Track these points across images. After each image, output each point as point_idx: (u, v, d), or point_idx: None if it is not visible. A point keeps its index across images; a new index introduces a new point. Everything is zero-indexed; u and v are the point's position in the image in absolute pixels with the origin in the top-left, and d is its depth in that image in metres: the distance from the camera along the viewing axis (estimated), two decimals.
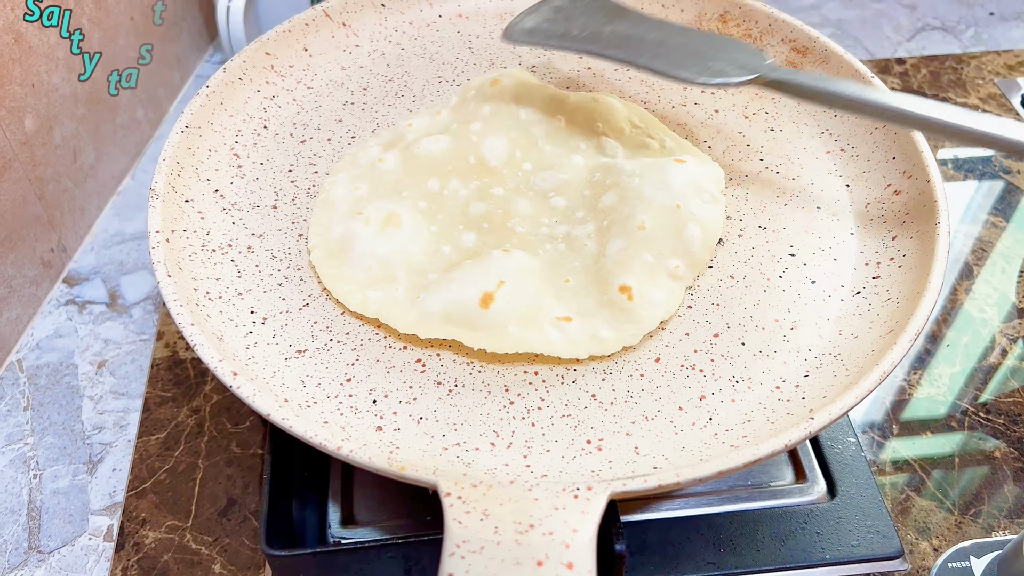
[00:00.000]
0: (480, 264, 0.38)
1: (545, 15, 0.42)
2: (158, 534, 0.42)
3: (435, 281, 0.38)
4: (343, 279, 0.39)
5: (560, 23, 0.41)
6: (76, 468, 0.46)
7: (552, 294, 0.38)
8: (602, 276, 0.38)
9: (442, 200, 0.42)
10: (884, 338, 0.36)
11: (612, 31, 0.41)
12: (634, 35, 0.41)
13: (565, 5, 0.43)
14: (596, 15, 0.43)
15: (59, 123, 0.53)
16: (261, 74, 0.48)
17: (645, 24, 0.43)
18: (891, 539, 0.40)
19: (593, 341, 0.37)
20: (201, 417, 0.47)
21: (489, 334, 0.36)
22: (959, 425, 0.47)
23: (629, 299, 0.37)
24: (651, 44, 0.41)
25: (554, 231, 0.41)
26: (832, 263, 0.40)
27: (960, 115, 0.37)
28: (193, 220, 0.41)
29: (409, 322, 0.37)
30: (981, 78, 0.69)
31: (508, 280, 0.37)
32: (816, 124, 0.47)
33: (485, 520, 0.29)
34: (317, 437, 0.31)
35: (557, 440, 0.34)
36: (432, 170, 0.43)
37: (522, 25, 0.42)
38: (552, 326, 0.37)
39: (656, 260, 0.39)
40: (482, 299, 0.36)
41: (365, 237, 0.40)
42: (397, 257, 0.39)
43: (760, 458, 0.31)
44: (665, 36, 0.41)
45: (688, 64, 0.39)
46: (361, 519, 0.41)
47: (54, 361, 0.51)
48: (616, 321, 0.37)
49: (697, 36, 0.43)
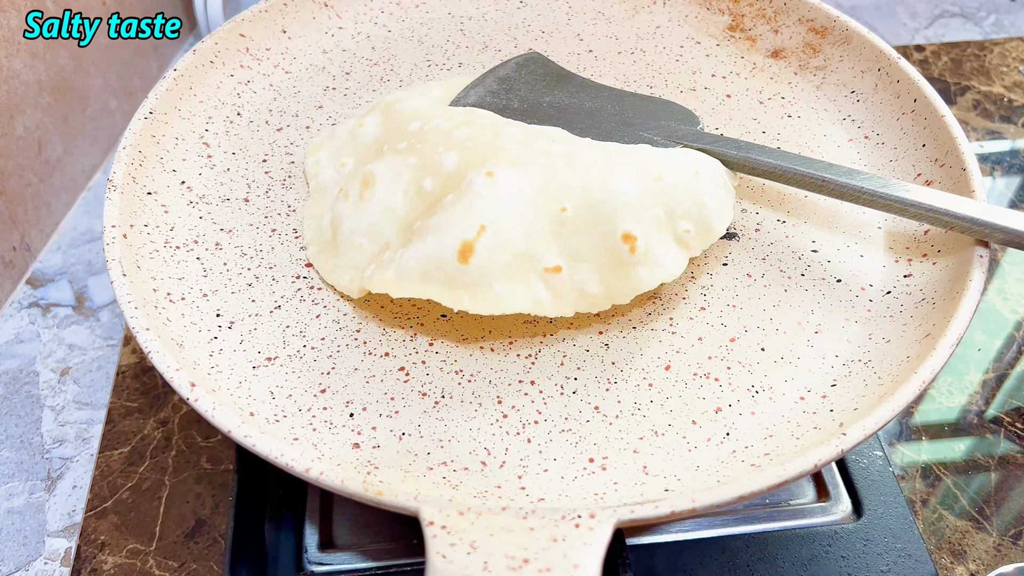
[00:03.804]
0: (459, 204, 0.33)
1: (489, 87, 0.42)
2: (118, 559, 0.39)
3: (416, 230, 0.34)
4: (341, 269, 0.36)
5: (502, 96, 0.41)
6: (33, 485, 0.42)
7: (545, 226, 0.33)
8: (606, 212, 0.34)
9: (423, 134, 0.37)
10: (920, 343, 0.32)
11: (550, 102, 0.41)
12: (570, 105, 0.41)
13: (510, 74, 0.43)
14: (538, 83, 0.43)
15: (21, 112, 0.50)
16: (235, 57, 0.45)
17: (584, 91, 0.43)
18: (924, 563, 0.37)
19: (581, 297, 0.33)
20: (169, 429, 0.43)
21: (470, 293, 0.32)
22: (994, 437, 0.43)
23: (631, 251, 0.33)
24: (585, 115, 0.40)
25: (550, 149, 0.36)
26: (859, 260, 0.37)
27: (918, 193, 0.34)
28: (156, 214, 0.38)
29: (384, 280, 0.33)
30: (1005, 65, 0.65)
31: (491, 222, 0.33)
32: (837, 110, 0.43)
33: (473, 554, 0.25)
34: (283, 457, 0.28)
35: (556, 458, 0.31)
36: (415, 116, 0.39)
37: (466, 101, 0.41)
38: (539, 279, 0.33)
39: (668, 217, 0.34)
40: (460, 251, 0.32)
41: (348, 214, 0.36)
42: (383, 221, 0.35)
43: (786, 480, 0.27)
44: (600, 104, 0.41)
45: (617, 136, 0.39)
46: (341, 543, 0.38)
47: (13, 368, 0.47)
48: (610, 274, 0.33)
49: (633, 101, 0.42)
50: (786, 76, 0.45)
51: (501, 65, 0.44)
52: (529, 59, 0.45)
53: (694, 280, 0.36)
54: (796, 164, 0.36)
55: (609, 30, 0.49)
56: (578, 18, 0.50)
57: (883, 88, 0.42)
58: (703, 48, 0.47)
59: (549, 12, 0.50)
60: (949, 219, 0.33)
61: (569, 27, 0.49)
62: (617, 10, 0.50)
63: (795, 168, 0.36)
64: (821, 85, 0.45)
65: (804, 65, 0.45)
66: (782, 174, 0.37)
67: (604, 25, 0.49)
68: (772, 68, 0.46)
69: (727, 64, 0.46)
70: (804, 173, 0.36)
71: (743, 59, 0.47)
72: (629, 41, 0.48)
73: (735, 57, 0.47)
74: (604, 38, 0.48)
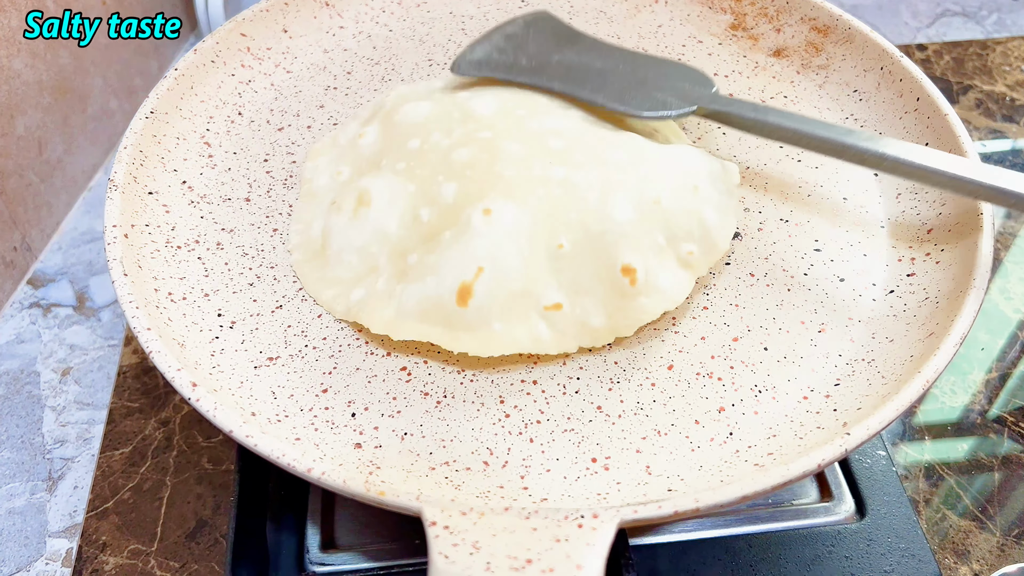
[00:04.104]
0: (456, 243, 0.33)
1: (496, 44, 0.41)
2: (119, 559, 0.39)
3: (413, 265, 0.34)
4: (326, 282, 0.36)
5: (509, 53, 0.40)
6: (34, 485, 0.42)
7: (543, 263, 0.33)
8: (604, 245, 0.33)
9: (422, 155, 0.37)
10: (924, 342, 0.32)
11: (559, 60, 0.40)
12: (580, 64, 0.40)
13: (518, 31, 0.42)
14: (547, 41, 0.41)
15: (22, 112, 0.50)
16: (236, 56, 0.45)
17: (595, 51, 0.41)
18: (928, 563, 0.37)
19: (584, 331, 0.33)
20: (170, 430, 0.43)
21: (470, 335, 0.32)
22: (997, 436, 0.43)
23: (632, 283, 0.33)
24: (595, 74, 0.39)
25: (548, 173, 0.35)
26: (862, 259, 0.37)
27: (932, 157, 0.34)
28: (157, 214, 0.38)
29: (384, 320, 0.33)
30: (1008, 64, 0.65)
31: (488, 263, 0.32)
32: (840, 109, 0.43)
33: (476, 554, 0.25)
34: (285, 457, 0.28)
35: (558, 458, 0.30)
36: (414, 132, 0.38)
37: (471, 56, 0.40)
38: (540, 317, 0.33)
39: (668, 242, 0.34)
40: (459, 293, 0.32)
41: (339, 229, 0.36)
42: (375, 242, 0.35)
43: (790, 479, 0.27)
44: (612, 64, 0.40)
45: (629, 96, 0.38)
46: (343, 543, 0.37)
47: (14, 368, 0.47)
48: (612, 306, 0.33)
49: (645, 62, 0.41)
50: (788, 75, 0.45)
51: (509, 22, 0.43)
52: (538, 16, 0.43)
53: (696, 280, 0.36)
54: (816, 128, 0.36)
55: (611, 29, 0.49)
56: (580, 17, 0.49)
57: (886, 87, 0.42)
58: (705, 47, 0.47)
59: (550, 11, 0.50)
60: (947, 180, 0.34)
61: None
62: (619, 9, 0.50)
63: (815, 132, 0.36)
64: (824, 84, 0.44)
65: (806, 64, 0.45)
66: (801, 137, 0.36)
67: (606, 24, 0.49)
68: (774, 67, 0.46)
69: (729, 63, 0.46)
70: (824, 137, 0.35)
71: (745, 58, 0.46)
72: (631, 40, 0.48)
73: (737, 56, 0.47)
74: (606, 37, 0.48)
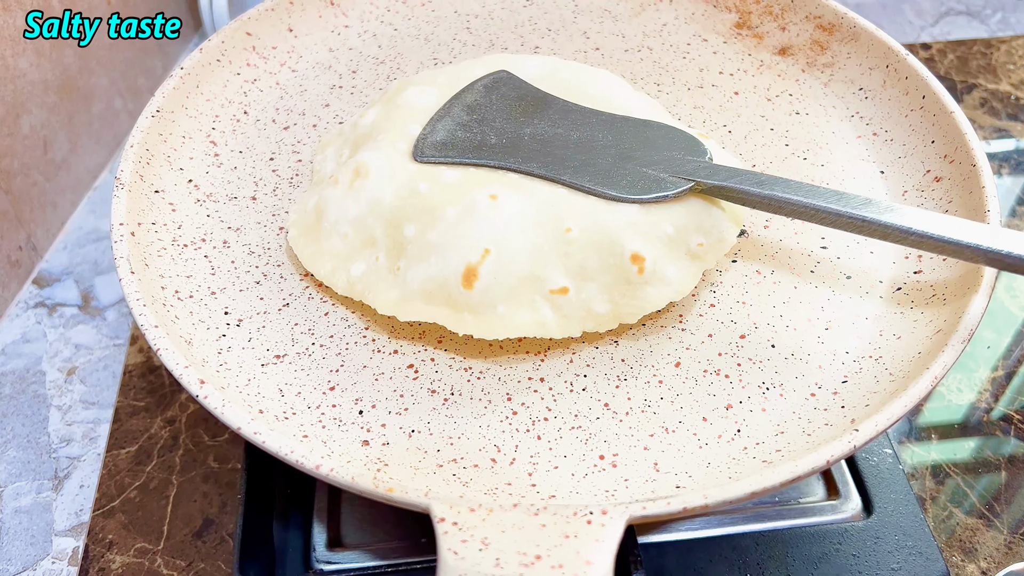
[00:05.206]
0: (462, 223, 0.33)
1: (458, 119, 0.37)
2: (126, 558, 0.39)
3: (412, 239, 0.34)
4: (322, 255, 0.35)
5: (474, 129, 0.37)
6: (40, 484, 0.42)
7: (551, 247, 0.33)
8: (613, 232, 0.33)
9: None
10: (931, 339, 0.32)
11: (532, 133, 0.36)
12: (556, 138, 0.36)
13: (480, 100, 0.38)
14: (514, 110, 0.37)
15: (27, 111, 0.50)
16: (241, 56, 0.45)
17: (568, 118, 0.37)
18: (935, 561, 0.37)
19: (588, 316, 0.33)
20: (176, 429, 0.43)
21: (475, 317, 0.32)
22: (1004, 434, 0.43)
23: (640, 272, 0.33)
24: (575, 148, 0.36)
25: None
26: (868, 256, 0.37)
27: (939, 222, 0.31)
28: (163, 212, 0.38)
29: (390, 301, 0.33)
30: (1012, 63, 0.65)
31: (495, 245, 0.32)
32: (845, 107, 0.43)
33: (485, 550, 0.25)
34: (293, 454, 0.28)
35: (566, 455, 0.30)
36: (417, 117, 0.38)
37: (433, 138, 0.36)
38: (545, 301, 0.33)
39: (678, 233, 0.34)
40: (464, 275, 0.32)
41: (335, 200, 0.35)
42: (370, 214, 0.35)
43: (798, 476, 0.27)
44: (590, 133, 0.36)
45: (617, 176, 0.34)
46: (349, 542, 0.37)
47: (20, 368, 0.47)
48: (618, 293, 0.33)
49: (626, 128, 0.36)
50: (794, 73, 0.45)
51: (467, 89, 0.39)
52: (498, 80, 0.39)
53: (703, 277, 0.36)
54: (830, 202, 0.32)
55: (616, 28, 0.49)
56: (584, 16, 0.49)
57: (891, 85, 0.42)
58: (710, 45, 0.47)
59: (555, 10, 0.50)
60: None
61: (575, 25, 0.49)
62: (623, 8, 0.50)
63: (829, 207, 0.32)
64: (829, 82, 0.44)
65: (812, 62, 0.45)
66: (814, 213, 0.32)
67: (611, 23, 0.49)
68: (780, 65, 0.46)
69: (734, 61, 0.46)
70: (839, 212, 0.32)
71: (750, 56, 0.46)
72: (636, 39, 0.48)
73: (742, 54, 0.47)
74: (611, 36, 0.48)
